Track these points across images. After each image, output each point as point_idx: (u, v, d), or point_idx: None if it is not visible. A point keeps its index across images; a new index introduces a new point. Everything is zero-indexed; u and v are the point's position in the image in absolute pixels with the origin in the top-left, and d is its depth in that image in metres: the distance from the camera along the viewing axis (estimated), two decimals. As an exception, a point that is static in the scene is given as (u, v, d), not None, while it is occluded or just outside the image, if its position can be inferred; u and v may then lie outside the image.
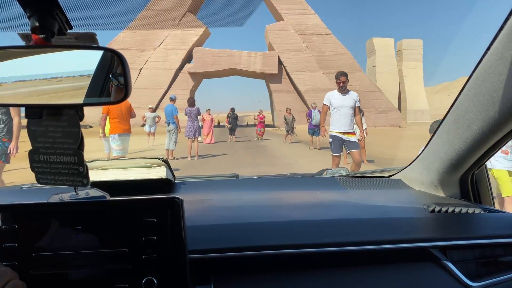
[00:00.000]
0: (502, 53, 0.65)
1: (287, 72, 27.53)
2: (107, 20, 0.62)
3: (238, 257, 0.68)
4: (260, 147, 12.57)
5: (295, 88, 27.59)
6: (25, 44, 0.62)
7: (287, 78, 27.76)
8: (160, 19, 2.06)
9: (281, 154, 9.97)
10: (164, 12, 1.74)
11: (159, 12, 1.49)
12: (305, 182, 1.37)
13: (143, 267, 0.59)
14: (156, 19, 1.75)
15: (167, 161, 1.12)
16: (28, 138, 0.60)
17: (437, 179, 1.02)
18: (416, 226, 0.82)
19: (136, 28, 1.12)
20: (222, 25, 0.66)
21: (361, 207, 0.97)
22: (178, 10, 19.53)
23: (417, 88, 35.69)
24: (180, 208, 0.61)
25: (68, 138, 0.59)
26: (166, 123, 8.44)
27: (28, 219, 0.59)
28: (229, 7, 0.64)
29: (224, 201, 1.06)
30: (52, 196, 0.62)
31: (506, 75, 0.65)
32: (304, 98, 26.80)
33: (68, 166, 0.60)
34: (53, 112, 0.59)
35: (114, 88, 0.59)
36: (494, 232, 0.79)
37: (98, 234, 0.59)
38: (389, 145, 11.51)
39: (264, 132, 15.99)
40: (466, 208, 0.87)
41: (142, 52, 26.88)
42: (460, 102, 0.81)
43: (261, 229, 0.76)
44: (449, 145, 0.89)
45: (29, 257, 0.57)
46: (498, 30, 0.65)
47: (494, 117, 0.71)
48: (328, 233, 0.75)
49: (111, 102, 0.59)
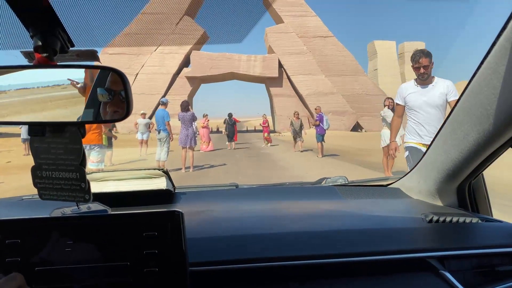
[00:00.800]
0: (495, 68, 0.69)
1: (287, 75, 27.67)
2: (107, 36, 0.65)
3: (239, 269, 0.71)
4: (263, 155, 11.82)
5: (296, 92, 27.69)
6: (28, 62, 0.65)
7: (287, 82, 27.87)
8: (156, 23, 2.11)
9: (288, 164, 9.27)
10: (160, 15, 1.79)
11: (156, 16, 1.54)
12: (305, 191, 1.41)
13: (145, 280, 0.61)
14: (153, 23, 1.79)
15: (167, 172, 1.16)
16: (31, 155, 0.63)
17: (434, 189, 1.06)
18: (414, 236, 0.86)
19: (132, 32, 1.16)
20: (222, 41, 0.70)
21: (360, 217, 1.00)
22: (175, 13, 19.76)
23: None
24: (180, 221, 0.64)
25: (70, 154, 0.62)
26: (157, 130, 7.84)
27: (31, 233, 0.62)
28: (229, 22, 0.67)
29: (224, 211, 1.10)
30: (54, 211, 0.65)
31: (499, 89, 0.69)
32: (305, 102, 26.89)
33: (70, 182, 0.63)
34: (55, 129, 0.62)
35: (103, 104, 0.62)
36: (492, 242, 0.82)
37: (100, 248, 0.62)
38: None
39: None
40: (464, 218, 0.91)
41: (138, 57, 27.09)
42: (456, 113, 0.86)
43: (262, 240, 0.80)
44: (446, 155, 0.93)
45: (32, 271, 0.60)
46: (491, 45, 0.69)
47: (488, 129, 0.75)
48: (327, 244, 0.79)
49: (112, 120, 0.62)
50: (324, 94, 26.84)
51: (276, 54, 27.62)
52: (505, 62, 0.66)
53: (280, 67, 27.55)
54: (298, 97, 27.70)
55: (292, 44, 27.70)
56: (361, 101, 27.24)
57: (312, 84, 27.04)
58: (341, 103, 26.83)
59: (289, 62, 27.52)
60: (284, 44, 27.66)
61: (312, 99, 26.51)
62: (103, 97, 0.63)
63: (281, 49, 27.64)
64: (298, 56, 27.52)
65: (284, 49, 27.63)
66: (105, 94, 0.62)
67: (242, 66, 27.55)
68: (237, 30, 0.63)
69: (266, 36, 29.15)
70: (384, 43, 36.76)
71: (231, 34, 0.65)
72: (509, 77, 0.67)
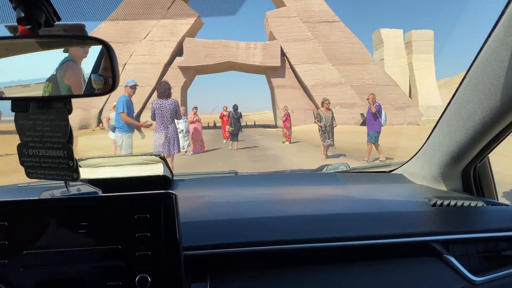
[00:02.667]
0: (504, 39, 0.71)
1: (291, 64, 27.57)
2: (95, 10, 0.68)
3: (235, 253, 0.75)
4: (282, 162, 8.70)
5: (300, 83, 27.60)
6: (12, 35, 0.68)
7: (291, 72, 27.78)
8: (146, 7, 2.13)
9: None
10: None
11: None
12: (305, 177, 1.47)
13: (137, 264, 0.65)
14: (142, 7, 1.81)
15: (164, 158, 1.21)
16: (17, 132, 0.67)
17: (438, 173, 1.11)
18: (417, 220, 0.90)
19: (119, 18, 1.18)
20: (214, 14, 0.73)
21: (362, 201, 1.05)
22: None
23: (429, 83, 36.43)
24: (174, 204, 0.67)
25: (57, 131, 0.66)
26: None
27: (19, 216, 0.65)
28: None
29: (222, 197, 1.15)
30: (43, 193, 0.69)
31: (508, 62, 0.71)
32: (310, 94, 26.78)
33: (57, 160, 0.66)
34: (40, 105, 0.66)
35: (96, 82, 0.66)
36: (497, 226, 0.86)
37: (90, 230, 0.65)
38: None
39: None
40: (469, 202, 0.95)
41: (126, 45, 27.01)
42: (460, 93, 0.89)
43: (259, 224, 0.84)
44: (451, 137, 0.97)
45: (20, 254, 0.63)
46: (499, 16, 0.71)
47: (496, 106, 0.78)
48: (328, 228, 0.83)
49: (98, 93, 0.65)
50: (331, 85, 26.72)
51: (278, 41, 27.46)
52: None
53: (282, 55, 27.41)
54: (303, 88, 27.61)
55: (296, 29, 27.53)
56: (371, 92, 27.14)
57: (318, 74, 26.91)
58: (350, 94, 26.71)
59: (293, 50, 27.36)
60: (287, 30, 27.48)
61: (318, 90, 26.41)
62: (97, 84, 0.65)
63: (284, 36, 27.47)
64: (302, 43, 27.35)
65: (286, 36, 27.46)
66: (99, 80, 0.65)
67: (241, 54, 27.40)
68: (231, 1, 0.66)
69: (267, 21, 28.94)
70: (390, 32, 37.08)
71: (224, 5, 0.68)
72: None
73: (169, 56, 27.21)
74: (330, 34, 27.84)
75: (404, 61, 36.62)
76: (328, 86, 26.66)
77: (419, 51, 36.93)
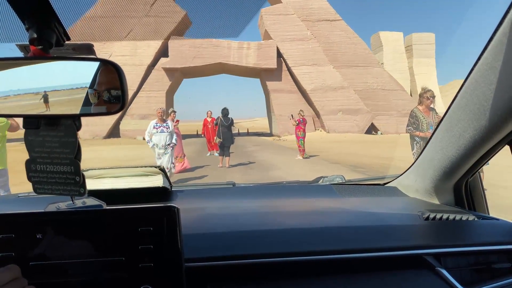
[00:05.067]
0: (492, 63, 0.84)
1: (288, 66, 27.72)
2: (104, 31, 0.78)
3: (235, 265, 0.86)
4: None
5: (298, 87, 27.77)
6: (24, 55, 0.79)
7: (288, 75, 27.93)
8: (127, 3, 2.21)
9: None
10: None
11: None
12: (302, 189, 1.64)
13: (140, 275, 0.76)
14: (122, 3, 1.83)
15: (163, 169, 1.35)
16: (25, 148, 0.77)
17: (431, 187, 1.26)
18: (410, 233, 1.03)
19: (97, 15, 1.28)
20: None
21: (357, 214, 1.19)
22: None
23: (431, 88, 37.03)
24: (176, 217, 0.79)
25: (65, 148, 0.76)
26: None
27: (25, 228, 0.75)
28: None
29: (220, 209, 1.28)
30: (49, 205, 0.79)
31: (496, 85, 0.84)
32: (310, 99, 26.94)
33: (64, 176, 0.77)
34: (50, 122, 0.76)
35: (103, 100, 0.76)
36: (488, 239, 1.00)
37: (95, 243, 0.76)
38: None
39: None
40: (460, 215, 1.09)
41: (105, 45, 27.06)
42: (452, 111, 1.03)
43: (257, 237, 0.96)
44: (443, 153, 1.11)
45: (26, 266, 0.73)
46: (488, 40, 0.85)
47: (485, 125, 0.91)
48: (323, 241, 0.95)
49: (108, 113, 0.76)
50: (332, 89, 26.90)
51: (274, 41, 27.58)
52: (502, 57, 0.81)
53: (278, 56, 27.52)
54: (301, 92, 27.77)
55: (293, 28, 27.72)
56: (376, 98, 27.47)
57: (318, 77, 27.05)
58: (354, 99, 26.94)
59: (290, 51, 27.52)
60: (283, 29, 27.64)
61: (318, 95, 26.61)
62: (92, 98, 0.76)
63: (280, 35, 27.64)
64: (300, 43, 27.55)
65: (283, 35, 27.62)
66: (93, 94, 0.75)
67: (233, 55, 27.41)
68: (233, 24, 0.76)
69: (261, 19, 29.02)
70: (390, 35, 37.88)
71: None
72: (506, 72, 0.82)
73: (152, 56, 27.14)
74: (330, 34, 28.09)
75: (404, 65, 37.28)
76: (329, 90, 26.85)
77: (420, 55, 37.64)
